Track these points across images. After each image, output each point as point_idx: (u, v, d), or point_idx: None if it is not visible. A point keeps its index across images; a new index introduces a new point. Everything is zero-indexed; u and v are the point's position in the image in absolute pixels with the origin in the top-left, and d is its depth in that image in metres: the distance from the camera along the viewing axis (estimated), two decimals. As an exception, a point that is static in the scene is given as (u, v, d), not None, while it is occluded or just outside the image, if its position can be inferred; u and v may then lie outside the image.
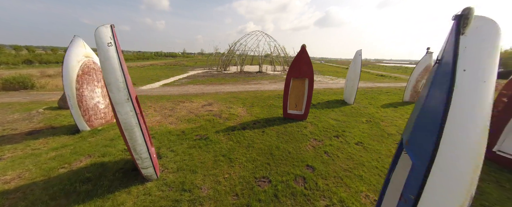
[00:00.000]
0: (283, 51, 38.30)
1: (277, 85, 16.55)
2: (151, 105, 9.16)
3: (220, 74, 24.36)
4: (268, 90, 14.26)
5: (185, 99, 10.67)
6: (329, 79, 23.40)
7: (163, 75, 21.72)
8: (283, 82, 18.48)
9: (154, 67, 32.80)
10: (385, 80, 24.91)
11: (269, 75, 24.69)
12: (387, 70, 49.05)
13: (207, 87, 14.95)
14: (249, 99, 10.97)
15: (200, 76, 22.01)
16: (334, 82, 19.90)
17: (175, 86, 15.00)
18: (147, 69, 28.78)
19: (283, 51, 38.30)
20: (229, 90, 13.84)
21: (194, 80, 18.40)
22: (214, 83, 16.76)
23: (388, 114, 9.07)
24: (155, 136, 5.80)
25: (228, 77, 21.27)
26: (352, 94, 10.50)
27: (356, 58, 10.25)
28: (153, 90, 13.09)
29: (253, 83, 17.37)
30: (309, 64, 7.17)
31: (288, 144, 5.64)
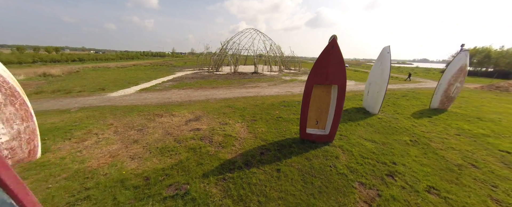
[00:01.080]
0: (279, 50, 36.20)
1: (278, 89, 14.28)
2: (112, 123, 6.55)
3: (211, 76, 21.75)
4: (270, 95, 11.95)
5: (165, 110, 8.12)
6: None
7: (145, 77, 18.81)
8: (284, 85, 16.25)
9: (136, 68, 29.52)
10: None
11: (266, 77, 22.40)
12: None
13: (195, 92, 12.40)
14: (248, 109, 8.59)
15: (189, 78, 19.31)
16: (339, 84, 17.95)
17: (156, 91, 12.31)
18: (128, 70, 25.55)
19: (279, 50, 36.20)
20: (223, 96, 11.39)
21: (181, 83, 15.73)
22: (205, 87, 14.22)
23: (429, 129, 7.04)
24: (93, 195, 3.28)
25: (221, 79, 18.75)
26: (378, 102, 8.42)
27: (383, 57, 8.17)
28: (125, 97, 10.37)
29: (250, 87, 15.00)
30: (341, 65, 4.93)
31: (324, 201, 3.36)
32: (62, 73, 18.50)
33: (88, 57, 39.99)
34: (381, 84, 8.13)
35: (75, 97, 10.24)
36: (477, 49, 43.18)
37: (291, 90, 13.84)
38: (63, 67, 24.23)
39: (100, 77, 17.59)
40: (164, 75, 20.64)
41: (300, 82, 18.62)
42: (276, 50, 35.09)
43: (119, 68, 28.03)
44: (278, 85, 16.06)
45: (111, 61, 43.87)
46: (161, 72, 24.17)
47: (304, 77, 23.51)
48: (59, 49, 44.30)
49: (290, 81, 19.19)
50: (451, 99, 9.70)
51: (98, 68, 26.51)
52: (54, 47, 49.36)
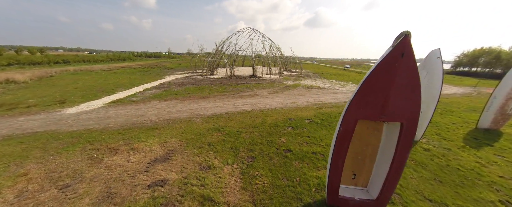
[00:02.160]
0: (279, 51, 33.95)
1: (281, 99, 11.98)
2: (28, 172, 4.17)
3: (204, 80, 19.39)
4: (271, 109, 9.65)
5: (126, 140, 5.78)
6: (338, 85, 19.26)
7: (127, 83, 16.38)
8: (287, 93, 13.95)
9: (124, 70, 27.01)
10: None
11: (265, 81, 20.10)
12: None
13: (180, 104, 10.05)
14: (244, 135, 6.29)
15: (178, 83, 16.93)
16: (349, 90, 15.70)
17: (130, 104, 9.94)
18: (112, 74, 23.05)
19: (279, 51, 33.95)
20: (213, 110, 9.07)
21: (166, 91, 13.35)
22: (193, 97, 11.87)
23: (504, 169, 4.82)
24: None
25: (215, 85, 16.40)
26: (421, 126, 6.18)
27: (430, 65, 5.92)
28: (84, 116, 7.97)
29: (248, 95, 12.69)
30: (414, 88, 2.66)
31: None
32: (30, 79, 16.01)
33: (74, 58, 37.31)
34: (428, 102, 5.87)
35: (16, 115, 7.82)
36: (484, 50, 41.40)
37: (296, 100, 11.56)
38: (39, 70, 21.67)
39: (72, 84, 15.13)
40: (151, 80, 18.23)
41: (304, 88, 16.36)
42: (276, 51, 32.88)
43: (104, 71, 25.49)
44: (280, 93, 13.76)
45: (100, 62, 41.15)
46: (149, 76, 21.72)
47: (307, 81, 21.28)
48: (44, 50, 41.49)
49: (292, 86, 16.93)
50: (507, 117, 7.51)
51: (80, 71, 23.97)
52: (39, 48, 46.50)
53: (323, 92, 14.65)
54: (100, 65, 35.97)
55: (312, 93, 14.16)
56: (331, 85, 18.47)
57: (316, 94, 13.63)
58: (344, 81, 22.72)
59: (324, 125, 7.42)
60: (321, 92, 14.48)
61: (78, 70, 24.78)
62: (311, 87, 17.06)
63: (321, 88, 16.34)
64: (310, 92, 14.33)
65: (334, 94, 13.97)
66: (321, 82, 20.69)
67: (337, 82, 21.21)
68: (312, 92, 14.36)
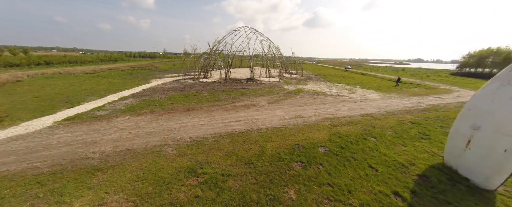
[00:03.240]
0: (278, 51, 31.81)
1: (283, 111, 9.81)
2: None
3: (195, 85, 17.17)
4: (272, 127, 7.48)
5: (37, 198, 3.58)
6: (345, 90, 17.15)
7: (103, 89, 14.09)
8: (290, 101, 11.78)
9: (109, 73, 24.64)
10: (409, 86, 19.08)
11: (264, 85, 17.94)
12: (390, 71, 43.26)
13: (154, 122, 7.85)
14: (232, 182, 4.13)
15: (163, 90, 14.68)
16: (360, 97, 13.57)
17: (88, 122, 7.70)
18: (94, 77, 20.72)
19: (278, 51, 31.81)
20: (195, 132, 6.88)
21: (145, 101, 11.12)
22: (175, 109, 9.66)
23: None
24: None
25: (206, 92, 14.20)
26: (502, 169, 4.05)
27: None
28: (9, 144, 5.73)
29: (243, 106, 10.51)
30: None
31: None
32: (-11, 85, 13.68)
33: (60, 59, 34.74)
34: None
35: None
36: (491, 50, 39.70)
37: (302, 113, 9.42)
38: (7, 74, 19.22)
39: (36, 91, 12.82)
40: (133, 85, 15.96)
41: (308, 94, 14.22)
42: (275, 51, 30.77)
43: (86, 74, 23.11)
44: (281, 102, 11.60)
45: (88, 64, 38.60)
46: (134, 79, 19.43)
47: (310, 84, 19.17)
48: (27, 51, 38.85)
49: (295, 92, 14.79)
50: None
51: (58, 75, 21.60)
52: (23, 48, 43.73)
53: (331, 100, 12.52)
54: (87, 66, 33.50)
55: (318, 101, 12.03)
56: (338, 91, 16.34)
57: (324, 103, 11.50)
58: (350, 84, 20.62)
59: (347, 159, 5.28)
60: (329, 100, 12.35)
61: (57, 73, 22.40)
62: (316, 93, 14.93)
63: (328, 95, 14.20)
64: (316, 101, 12.20)
65: (345, 103, 11.84)
66: (325, 86, 18.57)
67: (343, 87, 19.10)
68: (318, 101, 12.23)
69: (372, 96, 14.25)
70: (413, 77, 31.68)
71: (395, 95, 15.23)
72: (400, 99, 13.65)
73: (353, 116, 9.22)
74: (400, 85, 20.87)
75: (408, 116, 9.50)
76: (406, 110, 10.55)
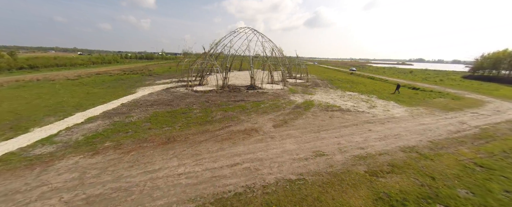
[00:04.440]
0: (281, 54, 29.33)
1: (295, 142, 7.36)
2: None
3: (187, 96, 14.74)
4: (285, 179, 5.07)
5: None
6: (362, 101, 14.67)
7: (74, 104, 11.67)
8: (301, 123, 9.31)
9: (94, 79, 22.21)
10: (431, 95, 16.34)
11: (267, 96, 15.49)
12: (398, 74, 40.11)
13: (111, 170, 5.45)
14: None
15: (147, 104, 12.26)
16: (385, 114, 11.11)
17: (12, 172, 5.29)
18: (76, 84, 18.31)
19: (281, 54, 29.33)
20: (166, 195, 4.48)
21: (116, 124, 8.72)
22: (151, 140, 7.26)
23: None
24: None
25: (197, 107, 11.78)
26: None
27: None
28: None
29: (241, 133, 8.09)
30: None
31: None
32: None
33: (45, 62, 32.30)
34: None
35: None
36: (510, 52, 37.12)
37: (321, 146, 7.00)
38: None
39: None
40: (113, 97, 13.53)
41: (321, 110, 11.78)
42: (278, 54, 28.35)
43: (68, 80, 20.70)
44: (290, 124, 9.16)
45: (78, 67, 36.11)
46: (117, 89, 17.00)
47: (319, 94, 16.67)
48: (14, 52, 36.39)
49: (305, 107, 12.36)
50: None
51: (34, 81, 19.19)
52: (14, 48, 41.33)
53: (351, 119, 10.08)
54: (74, 70, 31.09)
55: (336, 122, 9.59)
56: (354, 103, 13.88)
57: (344, 126, 9.06)
58: (363, 93, 18.15)
59: None
60: (349, 120, 9.91)
61: (35, 80, 19.99)
62: (330, 107, 12.48)
63: (345, 111, 11.75)
64: (333, 121, 9.76)
65: (371, 125, 9.37)
66: (337, 97, 16.10)
67: (357, 96, 16.64)
68: (336, 121, 9.79)
69: (398, 112, 11.79)
70: (427, 82, 29.17)
71: (423, 109, 12.77)
72: (434, 116, 11.19)
73: (391, 151, 6.77)
74: (419, 95, 18.36)
75: (465, 150, 7.06)
76: (454, 138, 8.10)
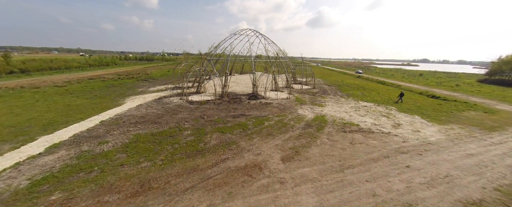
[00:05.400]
0: (286, 57, 27.31)
1: (314, 190, 5.43)
2: None
3: (180, 109, 12.88)
4: None
5: None
6: (381, 115, 12.64)
7: (45, 121, 9.90)
8: (316, 152, 7.34)
9: (85, 85, 20.53)
10: (458, 106, 14.02)
11: (272, 109, 13.55)
12: (408, 78, 37.28)
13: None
14: None
15: (131, 122, 10.44)
16: (416, 138, 9.09)
17: None
18: (60, 93, 16.63)
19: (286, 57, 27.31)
20: None
21: (81, 156, 6.91)
22: (117, 188, 5.42)
23: None
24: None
25: (189, 127, 9.92)
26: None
27: None
28: None
29: (241, 172, 6.19)
30: None
31: None
32: None
33: (38, 66, 30.73)
34: None
35: None
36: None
37: (350, 202, 5.07)
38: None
39: None
40: (94, 112, 11.73)
41: (336, 129, 9.82)
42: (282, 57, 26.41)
43: (55, 87, 19.04)
44: (303, 156, 7.24)
45: (73, 70, 34.54)
46: (103, 99, 15.23)
47: (330, 105, 14.59)
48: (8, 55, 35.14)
49: (317, 125, 10.40)
50: None
51: (18, 89, 17.59)
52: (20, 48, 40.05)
53: (379, 147, 8.08)
54: (66, 74, 29.55)
55: (362, 153, 7.59)
56: (374, 119, 11.83)
57: (373, 160, 7.07)
58: (380, 103, 16.05)
59: None
60: (376, 149, 7.92)
61: (18, 87, 18.38)
62: (346, 125, 10.48)
63: (366, 131, 9.74)
64: (356, 150, 7.78)
65: (408, 157, 7.36)
66: (352, 109, 14.05)
67: (374, 108, 14.57)
68: (360, 149, 7.81)
69: (431, 134, 9.73)
70: (443, 88, 26.86)
71: (459, 129, 10.68)
72: (477, 141, 9.12)
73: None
74: (443, 106, 16.11)
75: (556, 208, 5.04)
76: (526, 182, 6.06)
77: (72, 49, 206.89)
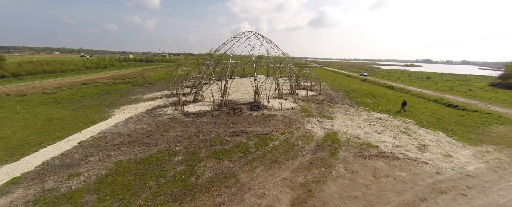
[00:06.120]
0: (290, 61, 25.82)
1: None
2: None
3: (173, 124, 11.51)
4: None
5: None
6: (400, 132, 11.14)
7: (15, 142, 8.58)
8: (334, 192, 5.87)
9: (76, 91, 19.26)
10: (482, 118, 11.99)
11: (276, 123, 12.10)
12: (416, 81, 35.06)
13: None
14: None
15: (115, 143, 9.08)
16: (452, 167, 7.57)
17: None
18: (47, 102, 15.36)
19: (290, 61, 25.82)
20: None
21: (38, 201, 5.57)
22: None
23: None
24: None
25: (181, 147, 8.54)
26: None
27: None
28: None
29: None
30: None
31: None
32: None
33: (31, 69, 29.58)
34: None
35: None
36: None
37: None
38: None
39: None
40: (76, 128, 10.40)
41: (352, 152, 8.38)
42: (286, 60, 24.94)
43: (43, 95, 17.78)
44: (317, 196, 5.80)
45: (68, 74, 33.38)
46: (92, 109, 13.92)
47: (341, 116, 12.90)
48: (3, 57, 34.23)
49: (329, 147, 8.96)
50: None
51: (2, 97, 16.40)
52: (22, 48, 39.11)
53: (410, 183, 6.57)
54: (61, 78, 28.40)
55: (392, 193, 6.06)
56: (395, 138, 10.32)
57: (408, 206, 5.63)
58: (394, 115, 14.46)
59: None
60: (407, 186, 6.39)
61: (3, 95, 17.16)
62: (364, 148, 9.00)
63: (389, 158, 8.24)
64: (385, 189, 6.26)
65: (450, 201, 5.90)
66: (366, 123, 12.50)
67: (390, 121, 13.02)
68: (390, 189, 6.29)
69: (466, 160, 8.22)
70: (456, 94, 25.15)
71: (496, 152, 9.14)
72: None
73: None
74: (466, 118, 14.47)
75: None
76: None
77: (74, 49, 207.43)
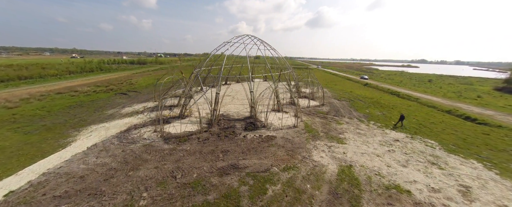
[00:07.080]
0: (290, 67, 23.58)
1: None
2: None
3: (146, 154, 9.11)
4: None
5: None
6: (427, 161, 9.01)
7: None
8: None
9: (47, 103, 16.63)
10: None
11: (276, 150, 9.82)
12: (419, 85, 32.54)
13: None
14: None
15: (55, 193, 6.72)
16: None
17: None
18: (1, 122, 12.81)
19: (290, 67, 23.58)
20: None
21: None
22: None
23: None
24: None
25: (148, 199, 6.25)
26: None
27: None
28: None
29: None
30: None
31: None
32: None
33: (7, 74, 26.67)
34: None
35: None
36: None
37: None
38: None
39: None
40: (17, 164, 7.95)
41: (376, 200, 6.23)
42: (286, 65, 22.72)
43: (3, 109, 15.16)
44: None
45: (49, 79, 30.41)
46: (53, 131, 11.41)
47: (353, 137, 10.61)
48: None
49: (343, 189, 6.79)
50: None
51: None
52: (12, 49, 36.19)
53: None
54: (38, 85, 25.56)
55: None
56: (425, 174, 8.14)
57: None
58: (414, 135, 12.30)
59: None
60: None
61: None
62: (391, 195, 6.82)
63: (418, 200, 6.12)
64: None
65: None
66: (384, 148, 10.27)
67: (410, 144, 10.89)
68: None
69: None
70: (467, 102, 23.35)
71: None
72: None
73: None
74: (492, 137, 12.24)
75: None
76: None
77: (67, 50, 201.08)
